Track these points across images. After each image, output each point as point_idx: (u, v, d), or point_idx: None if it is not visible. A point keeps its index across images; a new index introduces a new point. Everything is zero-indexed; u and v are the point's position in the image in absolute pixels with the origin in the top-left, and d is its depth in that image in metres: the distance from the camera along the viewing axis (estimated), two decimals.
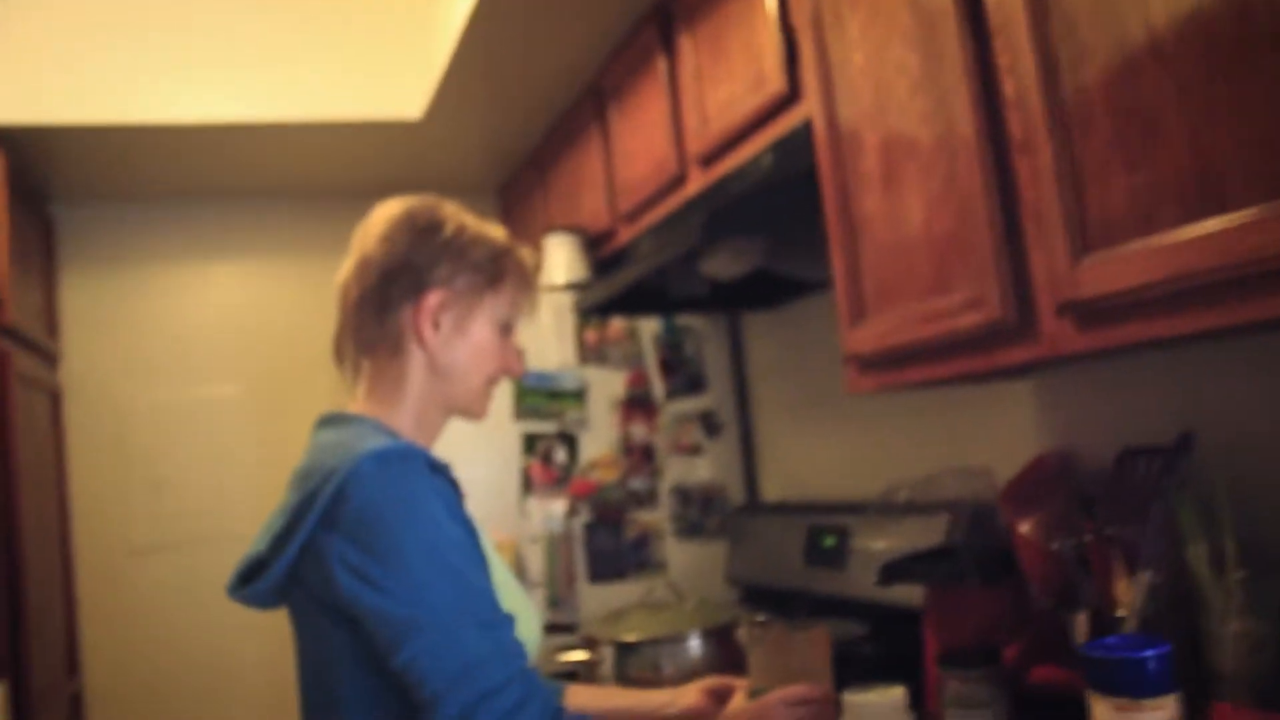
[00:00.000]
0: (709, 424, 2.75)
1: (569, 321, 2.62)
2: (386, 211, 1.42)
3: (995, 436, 1.92)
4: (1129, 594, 1.30)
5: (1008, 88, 1.23)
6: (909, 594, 1.82)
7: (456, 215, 1.41)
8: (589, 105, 2.76)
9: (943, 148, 1.34)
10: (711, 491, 2.73)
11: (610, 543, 2.59)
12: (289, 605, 1.31)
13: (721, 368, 2.80)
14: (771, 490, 2.75)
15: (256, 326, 3.81)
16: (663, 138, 2.28)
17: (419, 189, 1.52)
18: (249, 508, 3.49)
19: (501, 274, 1.39)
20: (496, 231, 1.44)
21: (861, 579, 2.09)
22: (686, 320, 2.76)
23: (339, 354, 1.41)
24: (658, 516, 2.67)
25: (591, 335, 2.64)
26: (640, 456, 2.66)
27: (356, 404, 1.40)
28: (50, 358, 3.39)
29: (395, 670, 1.16)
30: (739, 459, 2.79)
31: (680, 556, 2.68)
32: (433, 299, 1.34)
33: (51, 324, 3.47)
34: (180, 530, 3.61)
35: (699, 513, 2.71)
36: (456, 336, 1.36)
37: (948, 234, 1.35)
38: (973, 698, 1.47)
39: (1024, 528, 1.62)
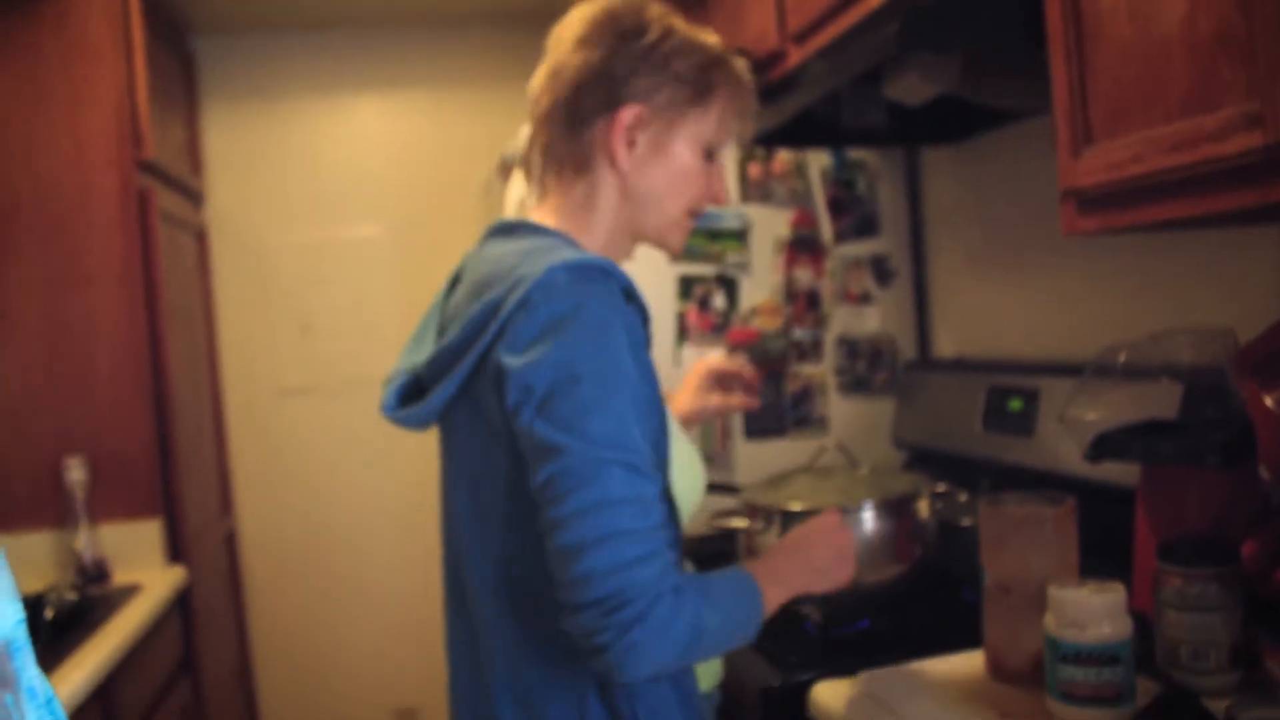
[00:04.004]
0: (881, 270, 2.50)
1: (731, 154, 2.38)
2: (584, 11, 1.27)
3: (1229, 292, 1.63)
4: None
5: None
6: (1112, 470, 1.58)
7: (664, 18, 1.26)
8: None
9: None
10: (880, 344, 2.50)
11: (769, 396, 2.41)
12: (446, 423, 1.24)
13: (897, 208, 2.52)
14: (946, 345, 2.51)
15: (401, 164, 3.70)
16: None
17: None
18: (392, 352, 3.42)
19: (710, 88, 1.25)
20: (709, 38, 1.28)
21: (1053, 448, 1.86)
22: (859, 155, 2.48)
23: (527, 168, 1.32)
24: (821, 369, 2.46)
25: (755, 170, 2.40)
26: (804, 304, 2.44)
27: (541, 215, 1.29)
28: (194, 195, 3.36)
29: (533, 488, 1.06)
30: (912, 310, 2.54)
31: (844, 413, 2.48)
32: (628, 114, 1.21)
33: (195, 161, 3.43)
34: (325, 373, 3.60)
35: (866, 367, 2.49)
36: (654, 158, 1.24)
37: (1219, 32, 1.06)
38: (1200, 600, 1.24)
39: (1269, 401, 1.36)
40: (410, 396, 1.23)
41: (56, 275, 2.57)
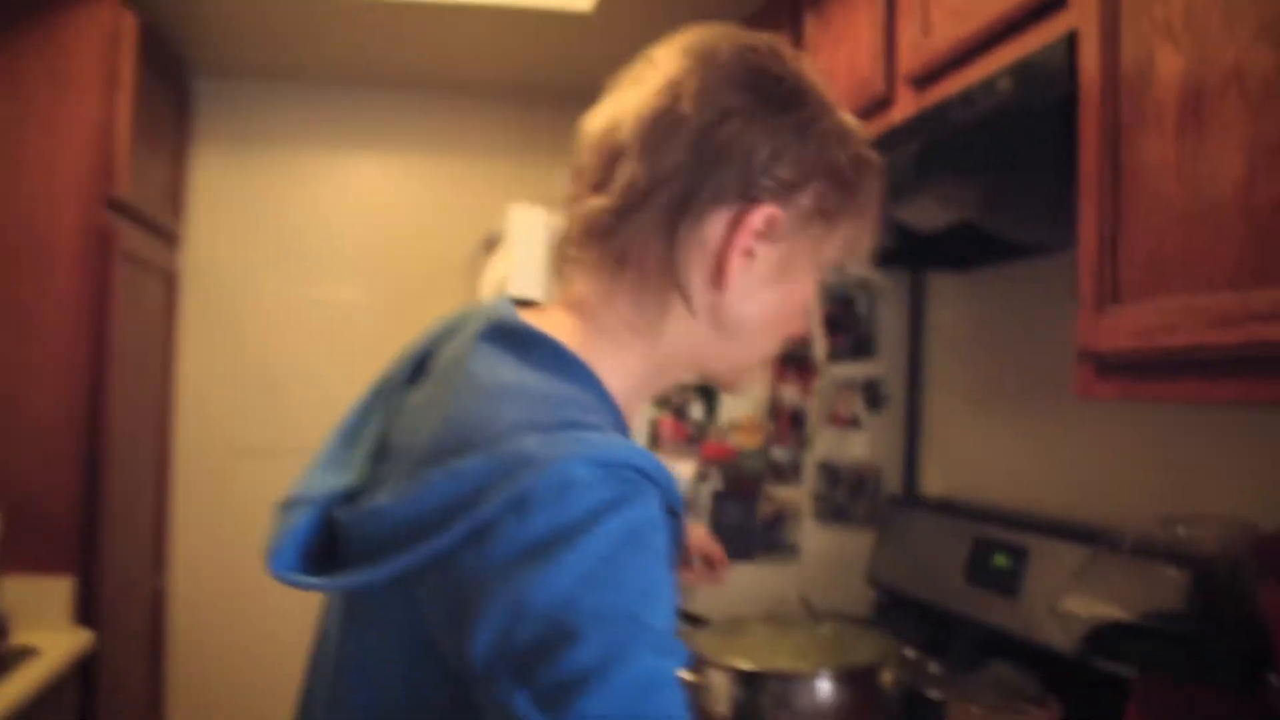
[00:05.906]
0: (873, 395, 2.36)
1: None
2: (696, 43, 0.84)
3: (1249, 476, 1.49)
4: None
5: None
6: None
7: (813, 76, 0.86)
8: (782, 8, 2.36)
9: None
10: (864, 473, 2.36)
11: (740, 517, 2.25)
12: (353, 598, 0.82)
13: (896, 333, 2.39)
14: (935, 482, 2.36)
15: (390, 227, 3.58)
16: (869, 50, 1.87)
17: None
18: None
19: (858, 191, 0.86)
20: (849, 117, 0.88)
21: (1037, 615, 1.70)
22: (863, 273, 2.36)
23: (562, 251, 0.89)
24: (798, 494, 2.31)
25: None
26: (788, 423, 2.30)
27: (561, 321, 0.86)
28: (170, 238, 3.23)
29: None
30: (901, 440, 2.40)
31: (817, 543, 2.32)
32: (759, 217, 0.81)
33: (177, 203, 3.30)
34: (287, 437, 3.42)
35: (846, 496, 2.34)
36: (771, 279, 0.84)
37: (1278, 203, 0.93)
38: None
39: None
40: (325, 560, 0.80)
41: (2, 309, 2.43)
